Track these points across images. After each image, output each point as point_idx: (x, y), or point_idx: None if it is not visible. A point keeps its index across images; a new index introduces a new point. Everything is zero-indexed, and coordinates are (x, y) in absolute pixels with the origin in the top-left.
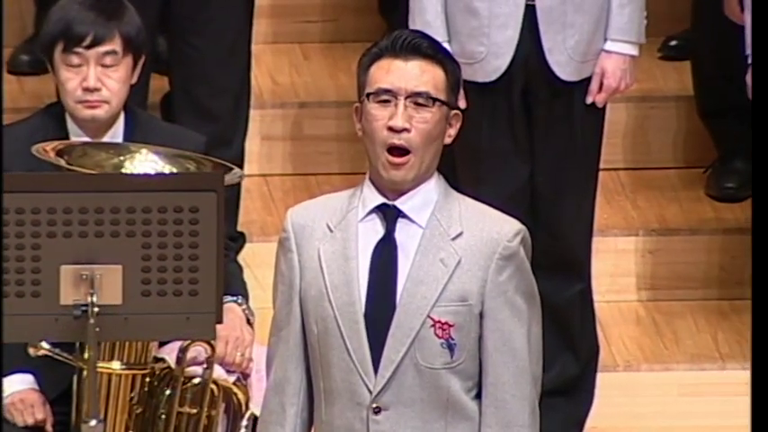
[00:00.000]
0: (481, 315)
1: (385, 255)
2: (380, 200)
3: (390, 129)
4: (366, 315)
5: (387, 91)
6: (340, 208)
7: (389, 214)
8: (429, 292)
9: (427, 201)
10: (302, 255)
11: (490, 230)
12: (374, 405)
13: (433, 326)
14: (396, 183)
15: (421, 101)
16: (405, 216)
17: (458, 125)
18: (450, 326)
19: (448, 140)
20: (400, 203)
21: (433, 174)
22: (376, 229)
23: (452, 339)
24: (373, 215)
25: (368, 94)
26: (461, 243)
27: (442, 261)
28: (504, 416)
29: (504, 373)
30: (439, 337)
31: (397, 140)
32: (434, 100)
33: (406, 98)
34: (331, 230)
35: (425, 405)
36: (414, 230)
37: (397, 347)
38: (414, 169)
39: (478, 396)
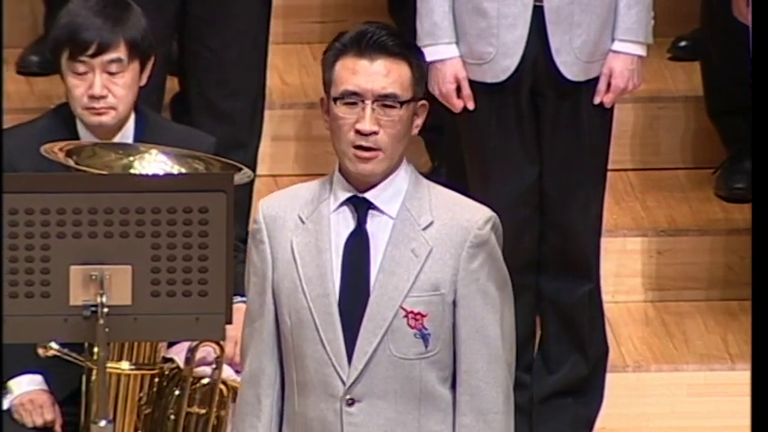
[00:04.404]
0: (454, 303)
1: (357, 247)
2: (351, 192)
3: (358, 131)
4: (340, 307)
5: (353, 93)
6: (311, 199)
7: (360, 207)
8: (401, 282)
9: (397, 191)
10: (274, 246)
11: (460, 219)
12: (348, 397)
13: (406, 316)
14: (365, 175)
15: (389, 102)
16: (375, 208)
17: (424, 114)
18: (423, 316)
19: (415, 131)
20: (371, 196)
21: (402, 163)
22: (347, 220)
23: (426, 329)
24: (344, 207)
25: (334, 98)
26: (432, 232)
27: (413, 251)
28: (479, 403)
29: (477, 360)
30: (412, 328)
31: (365, 143)
32: (402, 102)
33: (373, 101)
34: (303, 222)
35: (399, 397)
36: (385, 221)
37: (370, 339)
38: (383, 163)
39: (454, 386)
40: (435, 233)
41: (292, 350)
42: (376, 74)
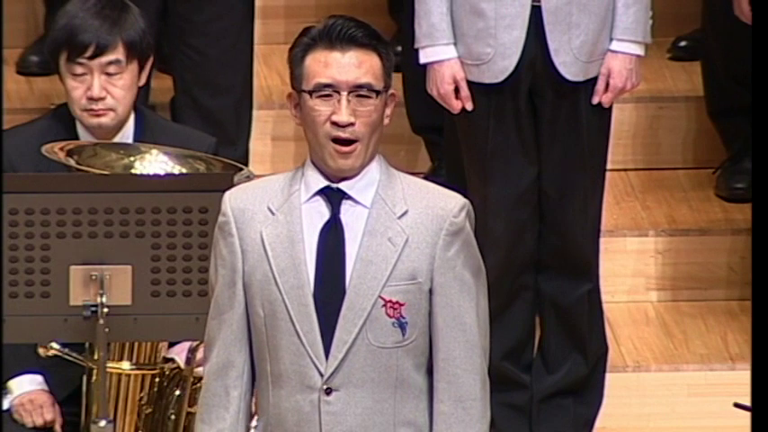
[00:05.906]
0: (430, 291)
1: (332, 237)
2: (324, 183)
3: (335, 123)
4: (315, 298)
5: (327, 86)
6: (281, 190)
7: (334, 197)
8: (379, 272)
9: (370, 181)
10: (243, 238)
11: (435, 207)
12: (325, 387)
13: (384, 305)
14: (344, 171)
15: (363, 93)
16: (349, 197)
17: (393, 104)
18: (401, 305)
19: (386, 121)
20: (345, 186)
21: (375, 154)
22: (321, 211)
23: (403, 318)
24: (317, 197)
25: (309, 92)
26: (408, 221)
27: (390, 240)
28: (457, 390)
29: (455, 348)
30: (390, 317)
31: (342, 134)
32: (377, 92)
33: (348, 93)
34: (273, 213)
35: (376, 385)
36: (359, 211)
37: (349, 329)
38: (361, 156)
39: (429, 371)
40: (411, 222)
41: (266, 342)
42: (349, 65)
